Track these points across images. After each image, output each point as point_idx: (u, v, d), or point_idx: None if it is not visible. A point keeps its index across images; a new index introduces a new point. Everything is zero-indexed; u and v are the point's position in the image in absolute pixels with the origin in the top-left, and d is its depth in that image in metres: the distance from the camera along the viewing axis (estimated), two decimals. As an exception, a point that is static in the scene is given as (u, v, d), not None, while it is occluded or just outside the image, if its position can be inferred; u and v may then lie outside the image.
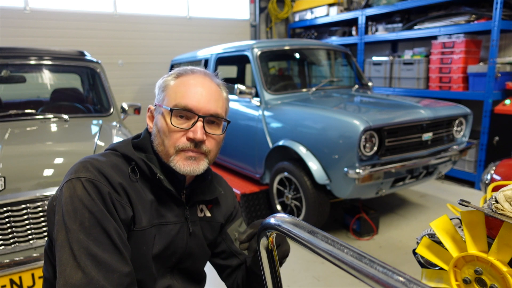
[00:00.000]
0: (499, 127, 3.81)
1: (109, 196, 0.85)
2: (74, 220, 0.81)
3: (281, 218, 0.73)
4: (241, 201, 3.20)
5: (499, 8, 3.60)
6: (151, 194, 0.96)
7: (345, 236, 3.04)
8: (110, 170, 0.89)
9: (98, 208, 0.83)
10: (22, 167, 1.84)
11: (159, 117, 0.98)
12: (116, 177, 0.89)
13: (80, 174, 0.86)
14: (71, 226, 0.81)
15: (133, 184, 0.93)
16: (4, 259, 1.72)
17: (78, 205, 0.82)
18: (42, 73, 2.90)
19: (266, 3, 6.68)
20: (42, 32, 4.92)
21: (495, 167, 2.04)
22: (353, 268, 0.56)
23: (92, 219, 0.81)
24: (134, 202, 0.91)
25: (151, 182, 0.96)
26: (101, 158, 0.92)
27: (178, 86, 0.97)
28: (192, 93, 0.95)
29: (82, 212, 0.82)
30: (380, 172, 2.58)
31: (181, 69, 1.01)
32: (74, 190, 0.84)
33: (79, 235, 0.80)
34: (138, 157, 0.95)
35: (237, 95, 3.26)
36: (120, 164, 0.93)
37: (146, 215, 0.93)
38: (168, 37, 5.80)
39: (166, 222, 0.97)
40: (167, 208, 0.98)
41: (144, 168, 0.95)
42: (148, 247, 0.93)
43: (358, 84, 3.94)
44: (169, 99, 0.96)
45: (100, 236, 0.81)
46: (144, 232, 0.92)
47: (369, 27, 5.28)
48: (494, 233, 0.72)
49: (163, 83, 1.00)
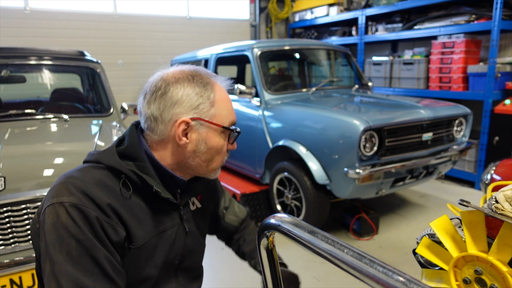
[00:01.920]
0: (499, 127, 3.81)
1: (97, 221, 0.78)
2: (59, 250, 0.75)
3: (281, 218, 0.73)
4: (241, 201, 3.20)
5: (499, 8, 3.60)
6: (146, 204, 0.90)
7: (345, 236, 3.04)
8: (96, 190, 0.81)
9: (86, 236, 0.76)
10: (22, 167, 1.84)
11: (210, 135, 0.93)
12: (104, 197, 0.81)
13: (63, 198, 0.78)
14: (57, 257, 0.74)
15: (125, 201, 0.85)
16: (4, 259, 1.72)
17: (63, 234, 0.75)
18: (42, 73, 2.90)
19: (266, 3, 6.68)
20: (42, 32, 4.93)
21: (495, 167, 2.04)
22: (353, 268, 0.56)
23: (79, 248, 0.75)
24: (127, 220, 0.84)
25: (145, 192, 0.89)
26: (83, 176, 0.83)
27: (223, 101, 0.95)
28: (231, 108, 0.98)
29: (68, 241, 0.75)
30: (380, 172, 2.58)
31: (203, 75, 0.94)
32: (57, 217, 0.76)
33: (66, 267, 0.74)
34: (127, 169, 0.86)
35: (237, 95, 3.26)
36: (107, 180, 0.85)
37: (143, 229, 0.88)
38: (168, 37, 5.80)
39: (165, 228, 0.94)
40: (164, 214, 0.94)
41: (136, 180, 0.87)
42: (148, 259, 0.90)
43: (358, 84, 3.94)
44: (221, 117, 0.94)
45: (89, 266, 0.75)
46: (142, 247, 0.88)
47: (369, 27, 5.28)
48: (494, 233, 0.72)
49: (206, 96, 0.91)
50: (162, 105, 0.89)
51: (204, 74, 0.95)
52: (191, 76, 0.92)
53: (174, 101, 0.89)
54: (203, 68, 0.99)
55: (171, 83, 0.90)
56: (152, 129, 0.92)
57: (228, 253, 2.62)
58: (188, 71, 0.94)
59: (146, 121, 0.92)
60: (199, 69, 0.96)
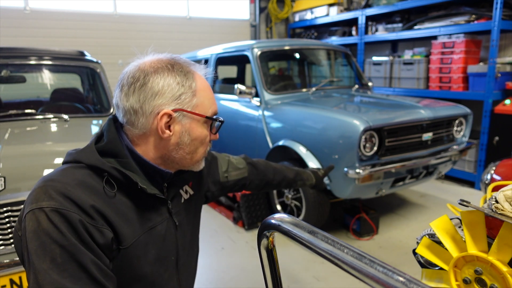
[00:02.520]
0: (499, 127, 3.81)
1: (81, 224, 0.74)
2: (43, 258, 0.71)
3: (281, 218, 0.73)
4: (241, 201, 3.20)
5: (499, 8, 3.60)
6: (132, 202, 0.86)
7: (345, 236, 3.04)
8: (77, 191, 0.77)
9: (70, 242, 0.72)
10: (22, 167, 1.84)
11: (193, 125, 0.90)
12: (87, 198, 0.77)
13: (43, 203, 0.74)
14: (40, 266, 0.70)
15: (110, 200, 0.81)
16: (4, 259, 1.72)
17: (45, 241, 0.71)
18: (42, 73, 2.90)
19: (266, 3, 6.68)
20: (42, 32, 4.93)
21: (495, 167, 2.04)
22: (353, 268, 0.56)
23: (64, 254, 0.71)
24: (114, 220, 0.80)
25: (130, 189, 0.86)
26: (63, 178, 0.79)
27: (204, 90, 0.91)
28: (212, 97, 0.95)
29: (51, 248, 0.71)
30: (380, 172, 2.58)
31: (182, 63, 0.91)
32: (38, 224, 0.72)
33: (51, 275, 0.70)
34: (110, 166, 0.82)
35: (237, 95, 3.26)
36: (89, 180, 0.81)
37: (131, 228, 0.85)
38: (168, 37, 5.80)
39: (154, 225, 0.91)
40: (151, 210, 0.91)
41: (120, 178, 0.83)
42: (139, 258, 0.87)
43: (358, 84, 3.94)
44: (203, 106, 0.91)
45: (75, 272, 0.71)
46: (132, 247, 0.85)
47: (369, 27, 5.28)
48: (494, 233, 0.72)
49: (187, 85, 0.88)
50: (142, 96, 0.85)
51: (183, 63, 0.91)
52: (170, 65, 0.88)
53: (155, 92, 0.84)
54: (179, 56, 0.94)
55: (150, 73, 0.85)
56: (133, 123, 0.87)
57: (228, 253, 2.65)
58: (166, 59, 0.89)
59: (125, 114, 0.87)
60: (177, 57, 0.92)
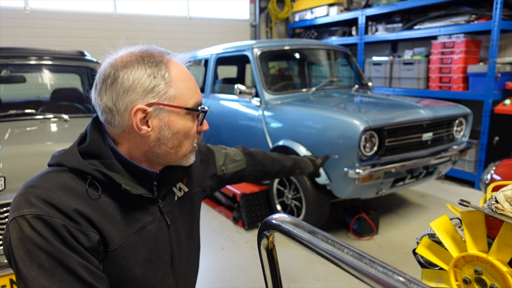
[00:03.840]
0: (499, 127, 3.81)
1: (65, 229, 0.72)
2: (30, 266, 0.70)
3: (281, 218, 0.73)
4: (241, 201, 3.20)
5: (499, 8, 3.60)
6: (118, 203, 0.84)
7: (345, 236, 3.03)
8: (59, 196, 0.75)
9: (55, 247, 0.71)
10: (22, 167, 1.84)
11: (173, 118, 0.85)
12: (69, 202, 0.75)
13: (24, 210, 0.73)
14: (29, 273, 0.69)
15: (94, 203, 0.79)
16: (4, 259, 1.72)
17: (30, 248, 0.70)
18: (42, 73, 2.90)
19: (266, 3, 6.68)
20: (42, 32, 4.93)
21: (495, 167, 2.04)
22: (353, 268, 0.56)
23: (50, 260, 0.70)
24: (99, 223, 0.78)
25: (115, 191, 0.83)
26: (44, 183, 0.78)
27: (181, 80, 0.86)
28: (194, 84, 0.89)
29: (37, 254, 0.70)
30: (380, 172, 2.58)
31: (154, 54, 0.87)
32: (21, 232, 0.71)
33: (40, 281, 0.69)
34: (92, 168, 0.80)
35: (237, 95, 3.26)
36: (71, 183, 0.79)
37: (118, 229, 0.83)
38: (168, 37, 5.80)
39: (144, 225, 0.88)
40: (140, 210, 0.88)
41: (103, 180, 0.81)
42: (129, 260, 0.85)
43: (358, 84, 3.94)
44: (182, 98, 0.85)
45: (65, 276, 0.71)
46: (120, 248, 0.83)
47: (369, 27, 5.28)
48: (494, 233, 0.72)
49: (160, 76, 0.84)
50: (115, 94, 0.82)
51: (156, 53, 0.87)
52: (141, 57, 0.84)
53: (126, 87, 0.81)
54: (155, 46, 0.90)
55: (119, 68, 0.82)
56: (110, 122, 0.84)
57: (228, 253, 2.64)
58: (138, 52, 0.86)
59: (102, 114, 0.85)
60: (150, 48, 0.88)
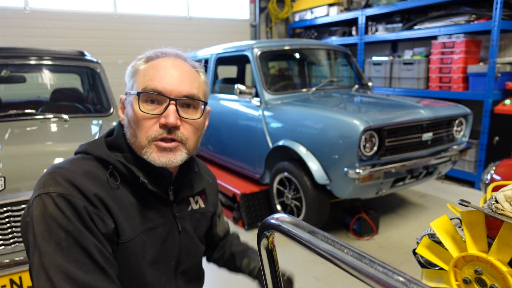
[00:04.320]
0: (499, 127, 3.81)
1: (85, 211, 0.76)
2: (48, 241, 0.73)
3: (281, 218, 0.73)
4: (241, 201, 3.20)
5: (499, 8, 3.60)
6: (134, 198, 0.87)
7: (345, 236, 3.03)
8: (83, 179, 0.79)
9: (75, 226, 0.74)
10: (22, 167, 1.84)
11: (129, 106, 0.89)
12: (91, 187, 0.79)
13: (50, 188, 0.77)
14: (46, 248, 0.72)
15: (113, 192, 0.83)
16: (4, 259, 1.72)
17: (51, 225, 0.73)
18: (42, 73, 2.90)
19: (266, 3, 6.68)
20: (42, 32, 4.93)
21: (495, 167, 2.04)
22: (353, 268, 0.56)
23: (69, 239, 0.73)
24: (115, 212, 0.82)
25: (133, 185, 0.87)
26: (72, 166, 0.82)
27: (147, 70, 0.88)
28: (161, 74, 0.86)
29: (57, 232, 0.73)
30: (380, 172, 2.58)
31: (151, 52, 0.92)
32: (45, 208, 0.75)
33: (56, 258, 0.72)
34: (115, 159, 0.85)
35: (237, 95, 3.26)
36: (95, 170, 0.83)
37: (131, 224, 0.85)
38: (168, 37, 5.80)
39: (155, 225, 0.90)
40: (153, 209, 0.90)
41: (124, 171, 0.85)
42: (138, 257, 0.86)
43: (358, 84, 3.94)
44: (138, 84, 0.87)
45: (80, 256, 0.73)
46: (131, 243, 0.84)
47: (369, 27, 5.28)
48: (494, 233, 0.72)
49: (132, 69, 0.91)
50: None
51: (158, 51, 0.92)
52: (145, 54, 0.93)
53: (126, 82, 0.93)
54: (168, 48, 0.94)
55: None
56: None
57: (228, 253, 2.60)
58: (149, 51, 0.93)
59: None
60: (161, 49, 0.93)
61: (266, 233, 0.76)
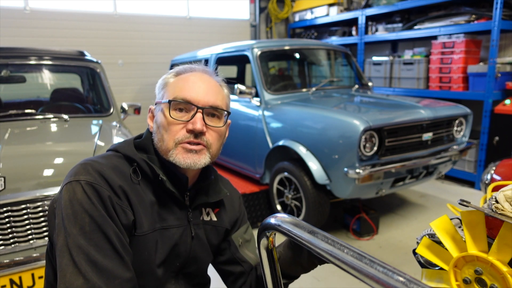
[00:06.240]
0: (499, 127, 3.81)
1: (109, 200, 0.83)
2: (74, 224, 0.79)
3: (281, 218, 0.73)
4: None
5: (499, 8, 3.60)
6: (153, 196, 0.93)
7: (345, 236, 3.03)
8: (110, 172, 0.87)
9: (99, 213, 0.81)
10: (22, 167, 1.84)
11: (159, 114, 0.97)
12: (117, 179, 0.87)
13: (80, 176, 0.84)
14: (71, 230, 0.79)
15: (135, 187, 0.90)
16: (4, 259, 1.72)
17: (78, 209, 0.80)
18: (42, 73, 2.90)
19: (266, 3, 6.68)
20: (42, 32, 4.92)
21: (495, 167, 2.04)
22: (353, 268, 0.56)
23: (92, 224, 0.80)
24: (135, 205, 0.88)
25: (153, 183, 0.94)
26: (102, 160, 0.90)
27: (177, 82, 0.97)
28: (190, 86, 0.95)
29: (82, 216, 0.80)
30: (380, 172, 2.58)
31: (181, 68, 1.01)
32: (74, 194, 0.82)
33: (79, 240, 0.78)
34: (140, 157, 0.93)
35: (237, 95, 3.26)
36: (121, 166, 0.92)
37: (148, 219, 0.90)
38: (168, 37, 5.80)
39: (169, 226, 0.95)
40: (169, 211, 0.95)
41: (146, 169, 0.93)
42: (150, 253, 0.91)
43: (358, 84, 3.94)
44: (168, 94, 0.96)
45: (100, 241, 0.80)
46: (146, 237, 0.90)
47: (369, 27, 5.28)
48: (494, 233, 0.72)
49: (163, 81, 1.00)
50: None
51: (187, 67, 1.00)
52: (175, 69, 1.01)
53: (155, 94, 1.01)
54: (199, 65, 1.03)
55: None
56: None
57: (228, 253, 2.60)
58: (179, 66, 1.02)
59: None
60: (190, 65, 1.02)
61: (266, 233, 0.76)
